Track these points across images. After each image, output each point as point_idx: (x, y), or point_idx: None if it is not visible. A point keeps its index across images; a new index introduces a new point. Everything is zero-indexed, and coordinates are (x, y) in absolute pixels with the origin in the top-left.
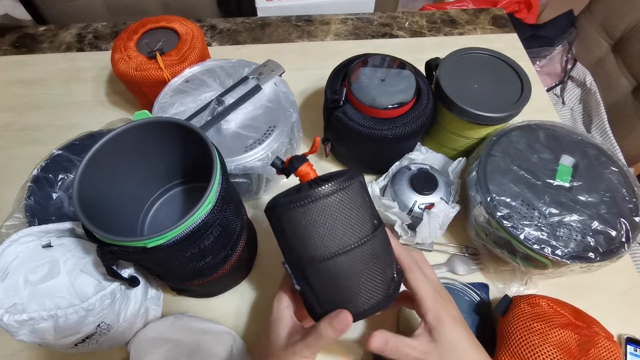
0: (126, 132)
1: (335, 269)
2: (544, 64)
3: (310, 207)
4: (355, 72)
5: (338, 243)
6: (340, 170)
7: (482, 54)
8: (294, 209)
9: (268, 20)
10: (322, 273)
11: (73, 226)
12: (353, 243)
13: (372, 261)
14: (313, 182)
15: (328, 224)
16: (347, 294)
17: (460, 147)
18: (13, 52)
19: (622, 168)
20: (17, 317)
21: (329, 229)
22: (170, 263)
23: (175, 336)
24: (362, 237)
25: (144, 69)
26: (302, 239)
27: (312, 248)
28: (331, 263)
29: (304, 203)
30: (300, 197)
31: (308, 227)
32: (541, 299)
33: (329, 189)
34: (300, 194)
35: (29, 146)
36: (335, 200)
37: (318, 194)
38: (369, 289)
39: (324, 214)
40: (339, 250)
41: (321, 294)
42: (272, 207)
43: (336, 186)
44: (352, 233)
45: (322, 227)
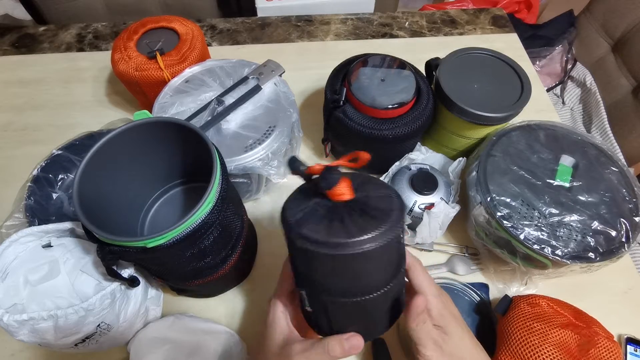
0: (126, 132)
1: (357, 307)
2: (544, 64)
3: (345, 257)
4: (355, 72)
5: (366, 287)
6: (381, 198)
7: (482, 54)
8: (324, 254)
9: (268, 20)
10: (343, 308)
11: (73, 226)
12: (382, 287)
13: (393, 299)
14: (347, 213)
15: (359, 271)
16: (363, 324)
17: (460, 147)
18: (13, 52)
19: (622, 168)
20: (17, 317)
21: (360, 275)
22: (170, 263)
23: (175, 336)
24: (390, 281)
25: (144, 69)
26: (327, 278)
27: (338, 288)
28: (355, 302)
29: (337, 253)
30: (335, 245)
31: (337, 272)
32: (541, 299)
33: (371, 242)
34: (335, 241)
35: (29, 146)
36: (373, 253)
37: (357, 245)
38: (384, 321)
39: (358, 262)
40: (366, 293)
41: (336, 322)
42: (298, 234)
43: (379, 240)
44: (383, 278)
45: (352, 273)
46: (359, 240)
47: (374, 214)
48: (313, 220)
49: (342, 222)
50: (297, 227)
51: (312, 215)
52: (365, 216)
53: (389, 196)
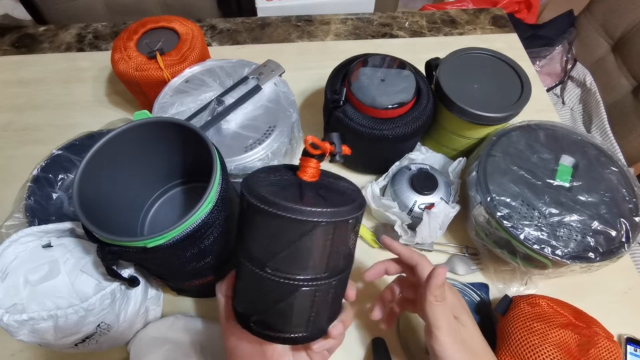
0: (126, 132)
1: (274, 286)
2: (544, 64)
3: (286, 220)
4: (355, 72)
5: (294, 267)
6: (341, 190)
7: (482, 54)
8: (266, 212)
9: (268, 20)
10: (262, 282)
11: (73, 226)
12: (311, 275)
13: (322, 300)
14: (306, 188)
15: (297, 245)
16: (255, 303)
17: (460, 147)
18: (13, 52)
19: (622, 168)
20: (17, 317)
21: (295, 250)
22: (170, 263)
23: (175, 336)
24: (323, 273)
25: (144, 69)
26: (255, 239)
27: (259, 253)
28: (263, 275)
29: (283, 214)
30: (283, 208)
31: (270, 237)
32: (541, 299)
33: (316, 216)
34: (284, 204)
35: (29, 146)
36: (316, 229)
37: (303, 214)
38: (297, 320)
39: (298, 232)
40: (292, 274)
41: (252, 300)
42: (250, 191)
43: (324, 217)
44: (316, 265)
45: (288, 242)
46: (306, 210)
47: (331, 197)
48: (272, 186)
49: (299, 192)
50: (254, 186)
51: (274, 183)
52: (323, 196)
53: (354, 191)
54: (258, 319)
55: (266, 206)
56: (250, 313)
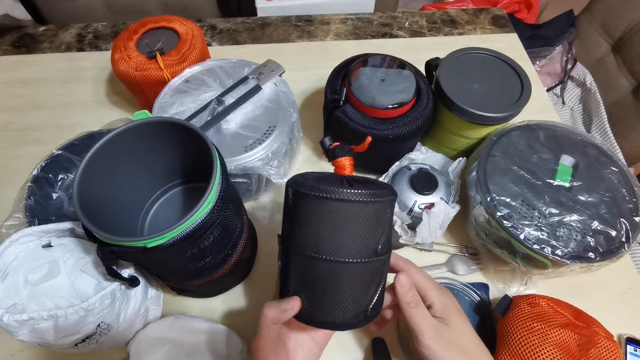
0: (126, 132)
1: (314, 270)
2: (544, 64)
3: (333, 205)
4: (355, 72)
5: (332, 249)
6: (375, 181)
7: (482, 54)
8: (316, 198)
9: (268, 20)
10: (301, 265)
11: (73, 226)
12: (345, 258)
13: (352, 283)
14: (346, 180)
15: (336, 229)
16: (312, 295)
17: (460, 147)
18: (13, 52)
19: (622, 168)
20: (17, 317)
21: (334, 234)
22: (170, 263)
23: (175, 336)
24: (357, 257)
25: (144, 69)
26: (304, 227)
27: (309, 241)
28: (315, 262)
29: (329, 197)
30: (328, 190)
31: (318, 222)
32: (541, 298)
33: (360, 196)
34: (329, 187)
35: (29, 146)
36: (358, 210)
37: (346, 195)
38: (332, 305)
39: (340, 218)
40: (329, 256)
41: (292, 280)
42: (297, 185)
43: (367, 197)
44: (350, 248)
45: (328, 229)
46: (346, 192)
47: (368, 184)
48: (314, 177)
49: (338, 182)
50: (297, 183)
51: (312, 178)
52: (359, 184)
53: (385, 185)
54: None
55: (328, 194)
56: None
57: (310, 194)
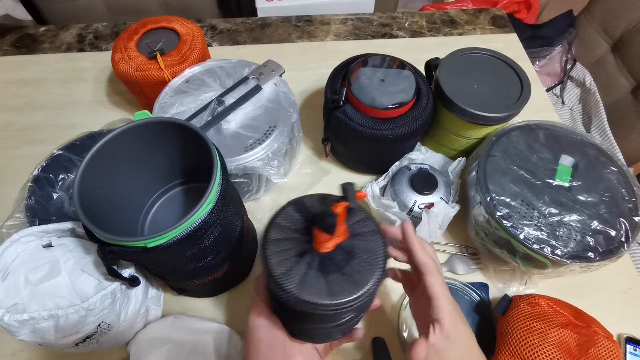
0: (126, 132)
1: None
2: (543, 64)
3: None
4: (355, 72)
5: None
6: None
7: (481, 54)
8: (302, 310)
9: (268, 20)
10: (294, 318)
11: (74, 226)
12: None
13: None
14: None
15: (331, 318)
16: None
17: (460, 147)
18: (14, 52)
19: (622, 168)
20: (18, 317)
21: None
22: (170, 263)
23: (175, 336)
24: (349, 315)
25: (145, 69)
26: (298, 319)
27: (307, 321)
28: (318, 327)
29: (315, 312)
30: (315, 305)
31: (310, 318)
32: (541, 298)
33: (346, 304)
34: (316, 301)
35: (29, 146)
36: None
37: (333, 306)
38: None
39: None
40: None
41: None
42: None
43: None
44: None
45: (325, 319)
46: (336, 303)
47: (355, 277)
48: (296, 274)
49: (325, 279)
50: (283, 280)
51: (297, 266)
52: (346, 278)
53: (375, 254)
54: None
55: (293, 302)
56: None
57: (280, 295)
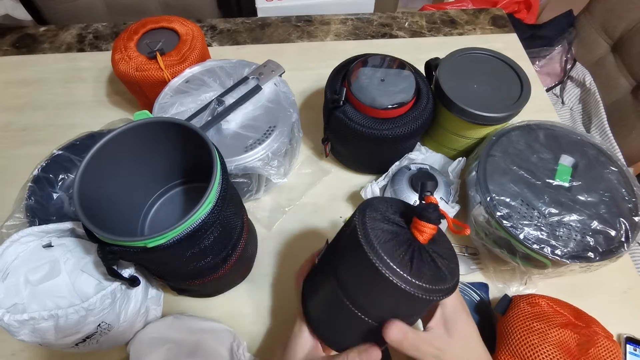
0: (126, 132)
1: (363, 325)
2: (543, 64)
3: (385, 282)
4: (355, 72)
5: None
6: (451, 263)
7: (481, 54)
8: (371, 264)
9: (268, 20)
10: (353, 319)
11: (73, 226)
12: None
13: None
14: (418, 250)
15: (376, 296)
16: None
17: (460, 147)
18: (13, 52)
19: (622, 168)
20: (18, 317)
21: (370, 297)
22: (170, 263)
23: (175, 336)
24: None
25: (144, 69)
26: (346, 272)
27: (346, 287)
28: (365, 320)
29: (385, 274)
30: (388, 267)
31: (362, 281)
32: (541, 298)
33: (416, 289)
34: (391, 263)
35: (29, 146)
36: (421, 299)
37: (403, 283)
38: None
39: (385, 292)
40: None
41: (336, 328)
42: (364, 229)
43: (423, 292)
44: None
45: (369, 292)
46: (406, 279)
47: (444, 269)
48: (385, 234)
49: (410, 256)
50: (370, 228)
51: (387, 230)
52: (437, 268)
53: (454, 263)
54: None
55: (377, 262)
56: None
57: (367, 257)
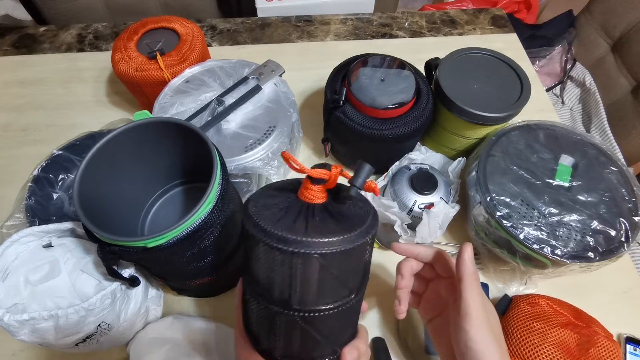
0: (126, 132)
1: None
2: (543, 64)
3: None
4: (355, 72)
5: (304, 300)
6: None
7: (481, 54)
8: (265, 245)
9: (268, 20)
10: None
11: (73, 226)
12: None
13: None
14: (311, 212)
15: (304, 277)
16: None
17: (460, 147)
18: (14, 52)
19: (622, 168)
20: (18, 317)
21: (304, 283)
22: (170, 263)
23: (175, 336)
24: (336, 302)
25: (144, 69)
26: (258, 271)
27: (264, 286)
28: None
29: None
30: (287, 241)
31: (279, 270)
32: (541, 298)
33: (326, 246)
34: (288, 236)
35: (29, 146)
36: (326, 258)
37: (312, 246)
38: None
39: (306, 266)
40: (303, 307)
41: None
42: (247, 218)
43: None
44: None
45: (298, 277)
46: (315, 242)
47: (340, 220)
48: (274, 214)
49: (305, 221)
50: (256, 216)
51: (275, 206)
52: (330, 220)
53: (366, 211)
54: (267, 348)
55: (264, 237)
56: (257, 340)
57: (259, 239)
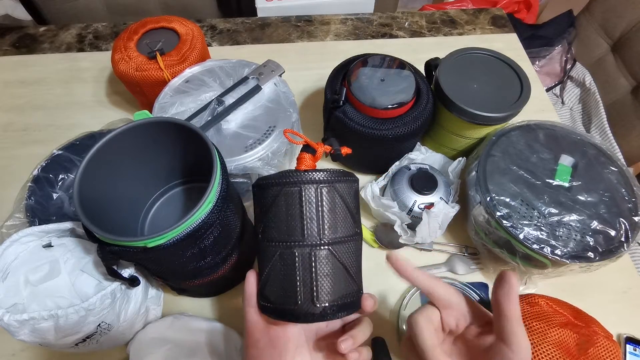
0: (126, 132)
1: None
2: (543, 64)
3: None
4: (355, 72)
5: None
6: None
7: (481, 54)
8: (265, 185)
9: (268, 20)
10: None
11: (73, 226)
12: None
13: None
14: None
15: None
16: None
17: (460, 147)
18: (13, 52)
19: (622, 168)
20: (18, 317)
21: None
22: (170, 263)
23: (175, 336)
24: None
25: (144, 69)
26: (270, 217)
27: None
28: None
29: (283, 185)
30: (285, 182)
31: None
32: (540, 298)
33: (312, 182)
34: (284, 180)
35: (29, 146)
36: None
37: (301, 178)
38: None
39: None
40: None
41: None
42: (273, 182)
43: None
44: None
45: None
46: (329, 178)
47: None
48: (284, 172)
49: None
50: (272, 176)
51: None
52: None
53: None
54: (299, 303)
55: (264, 180)
56: (285, 302)
57: (284, 185)
